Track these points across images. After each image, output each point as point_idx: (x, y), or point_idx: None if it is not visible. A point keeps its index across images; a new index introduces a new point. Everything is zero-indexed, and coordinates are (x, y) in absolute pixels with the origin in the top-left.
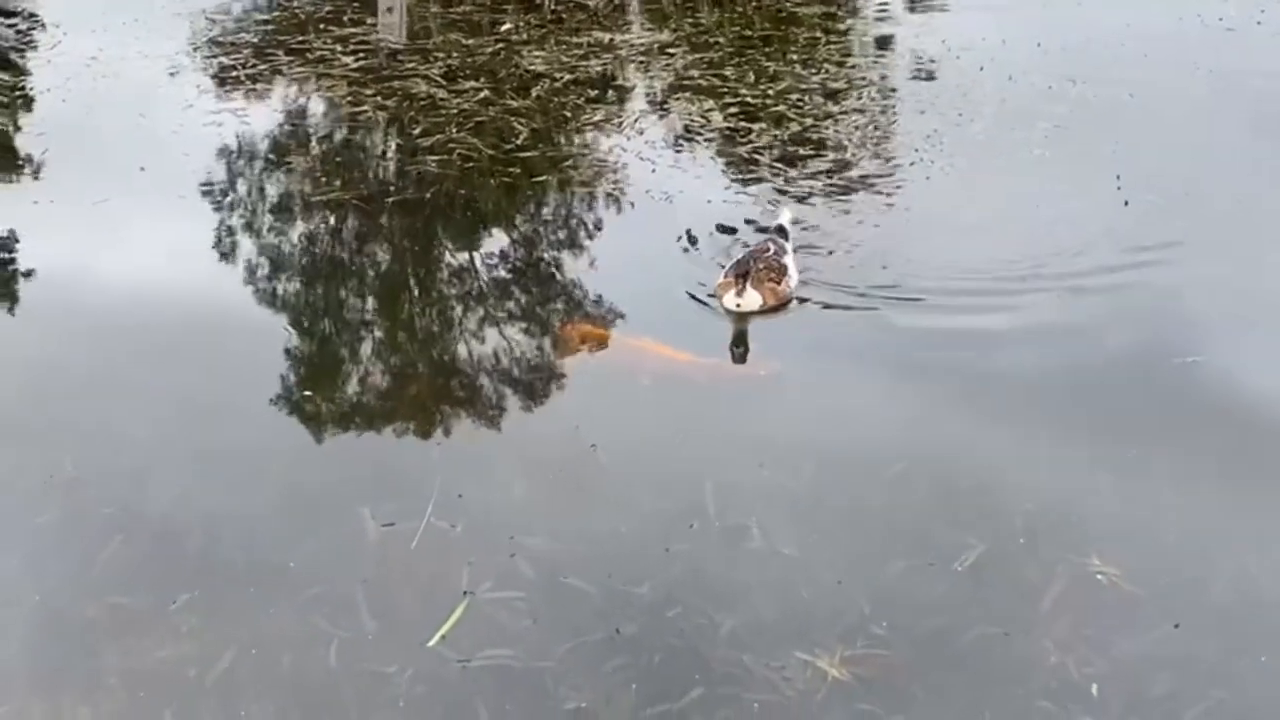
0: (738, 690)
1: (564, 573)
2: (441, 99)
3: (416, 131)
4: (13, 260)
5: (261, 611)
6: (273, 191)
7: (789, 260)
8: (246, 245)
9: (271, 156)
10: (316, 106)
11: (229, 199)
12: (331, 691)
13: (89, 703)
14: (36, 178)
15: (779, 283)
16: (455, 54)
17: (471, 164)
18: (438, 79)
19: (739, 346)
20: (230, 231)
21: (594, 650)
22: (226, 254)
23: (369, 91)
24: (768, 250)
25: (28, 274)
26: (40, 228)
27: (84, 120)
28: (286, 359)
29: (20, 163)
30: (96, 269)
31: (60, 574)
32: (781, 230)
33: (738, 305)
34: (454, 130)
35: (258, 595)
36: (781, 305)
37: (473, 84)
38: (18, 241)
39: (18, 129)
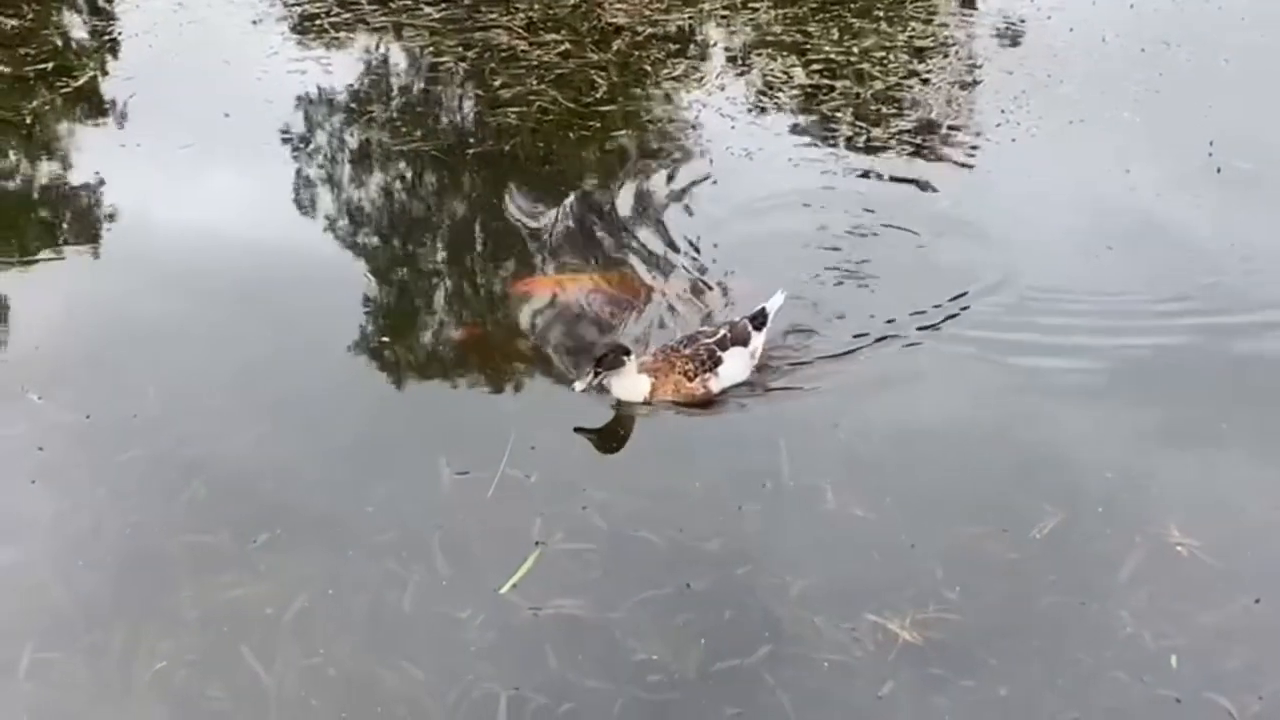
0: (807, 650)
1: (635, 526)
2: (522, 51)
3: (497, 83)
4: (97, 204)
5: (338, 554)
6: (353, 141)
7: (735, 353)
8: (326, 195)
9: (353, 106)
10: (398, 56)
11: (310, 148)
12: (404, 634)
13: (170, 635)
14: (122, 123)
15: (694, 377)
16: (537, 5)
17: (551, 117)
18: (519, 30)
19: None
20: (310, 181)
21: (663, 604)
22: (306, 203)
23: (450, 42)
24: (712, 335)
25: (111, 217)
26: (125, 172)
27: (170, 66)
28: (364, 307)
29: (108, 107)
30: (178, 214)
31: (143, 510)
32: (761, 315)
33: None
34: (534, 83)
35: (334, 538)
36: (698, 403)
37: (553, 36)
38: (103, 185)
39: (105, 74)
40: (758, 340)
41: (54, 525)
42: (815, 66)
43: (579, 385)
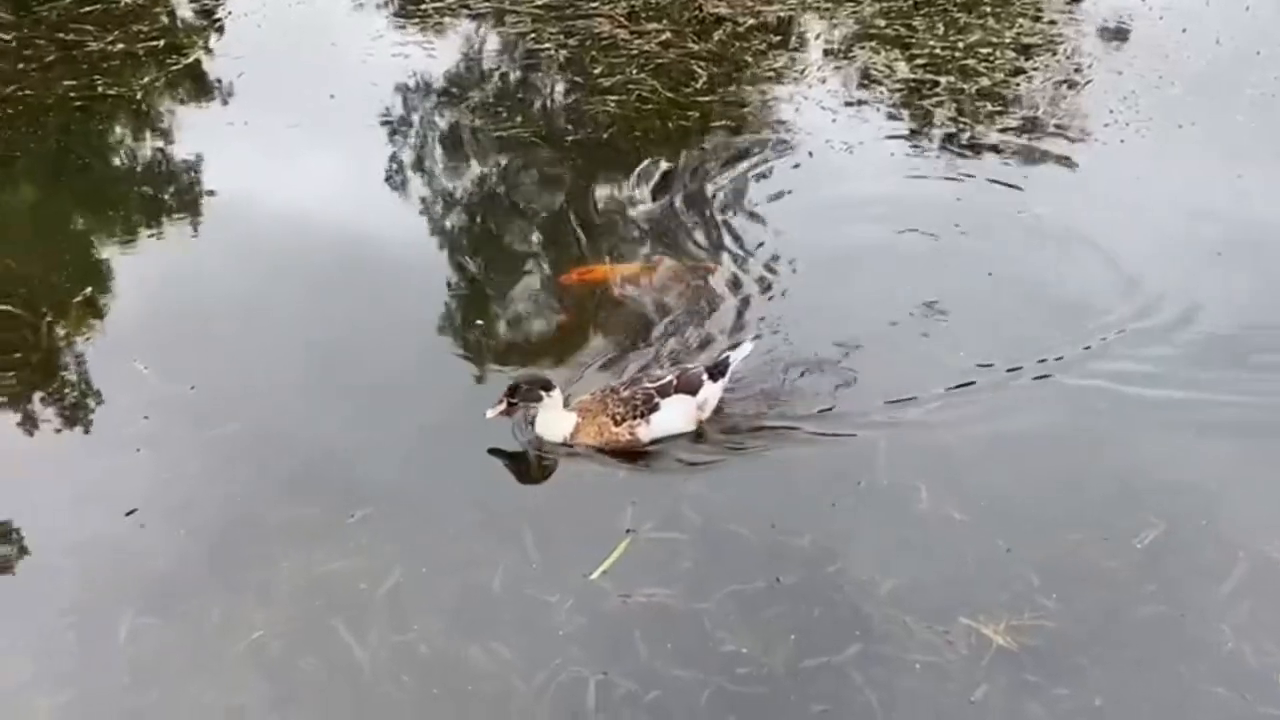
0: (898, 650)
1: (726, 519)
2: (623, 40)
3: (596, 71)
4: (202, 181)
5: (430, 533)
6: (452, 125)
7: (676, 401)
8: (423, 178)
9: (454, 90)
10: (500, 42)
11: (410, 131)
12: (494, 614)
13: (265, 606)
14: (230, 102)
15: (620, 422)
16: None
17: (650, 106)
18: (620, 19)
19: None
20: (408, 164)
21: (752, 597)
22: (404, 186)
23: (552, 29)
24: (657, 380)
25: (212, 193)
26: (230, 150)
27: (277, 47)
28: (456, 290)
29: (215, 86)
30: (279, 193)
31: (242, 483)
32: (722, 365)
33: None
34: (634, 71)
35: (427, 518)
36: (622, 451)
37: (654, 25)
38: (208, 162)
39: (214, 53)
40: (710, 391)
41: (156, 493)
42: (919, 61)
43: (490, 412)
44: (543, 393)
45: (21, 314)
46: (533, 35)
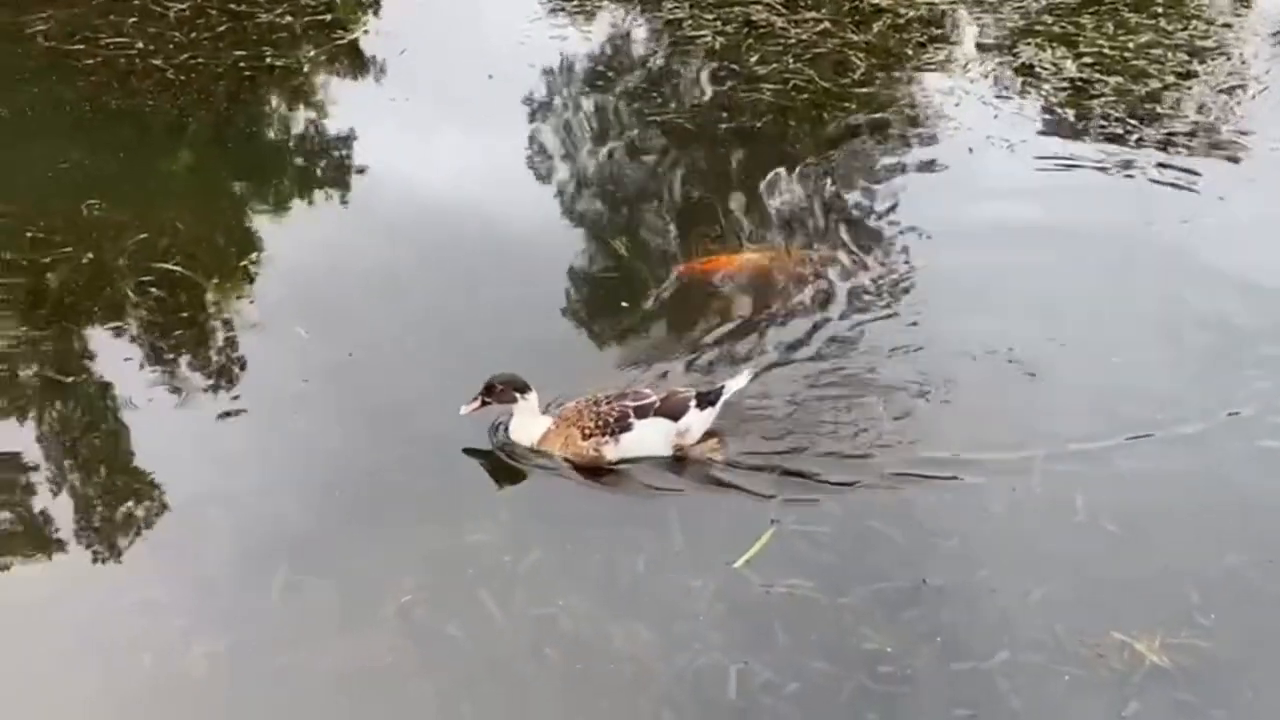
0: (1047, 660)
1: (871, 515)
2: (780, 28)
3: (753, 59)
4: (357, 154)
5: (575, 513)
6: (606, 108)
7: (652, 424)
8: (574, 159)
9: (609, 73)
10: (656, 28)
11: (565, 112)
12: (636, 597)
13: (414, 572)
14: (390, 78)
15: (588, 436)
16: None
17: (806, 95)
18: (778, 7)
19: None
20: (560, 144)
21: (897, 596)
22: (557, 165)
23: (709, 16)
24: (640, 399)
25: (362, 170)
26: (388, 125)
27: (438, 25)
28: (606, 272)
29: (377, 62)
30: (434, 168)
31: (395, 449)
32: (714, 394)
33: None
34: (790, 60)
35: (574, 496)
36: (586, 467)
37: (813, 14)
38: (365, 137)
39: (377, 29)
40: (695, 418)
41: (313, 455)
42: (1086, 60)
43: (464, 409)
44: (517, 394)
45: (188, 275)
46: (689, 21)
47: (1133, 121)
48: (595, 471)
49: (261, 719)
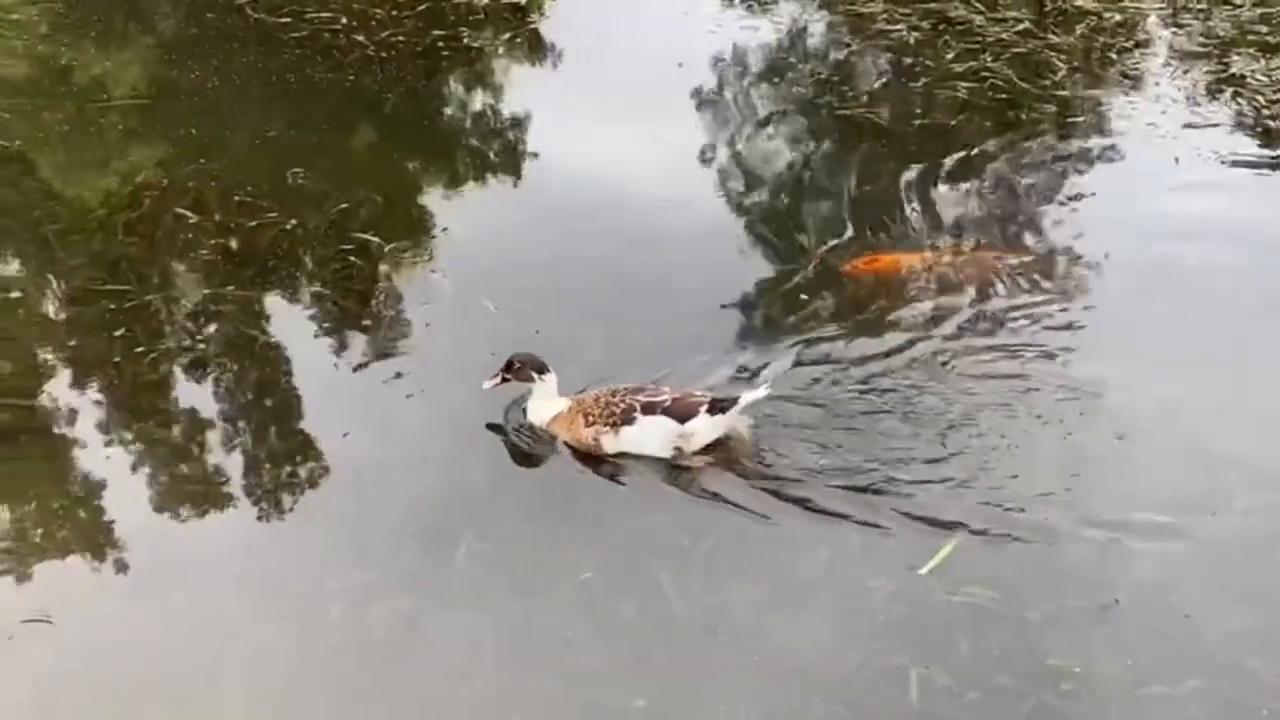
0: (1242, 693)
1: (1062, 530)
2: (978, 26)
3: (949, 56)
4: (533, 137)
5: (754, 503)
6: (794, 100)
7: (656, 423)
8: (759, 148)
9: (800, 65)
10: (851, 21)
11: (750, 102)
12: (811, 589)
13: (592, 549)
14: (576, 63)
15: (591, 424)
16: None
17: (1002, 96)
18: (976, 4)
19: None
20: (747, 134)
21: (1085, 614)
22: (742, 154)
23: (905, 10)
24: (652, 395)
25: (518, 151)
26: (569, 110)
27: (629, 12)
28: (777, 266)
29: (562, 48)
30: (617, 152)
31: None
32: (728, 401)
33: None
34: (988, 59)
35: (751, 490)
36: (585, 453)
37: (1013, 14)
38: (540, 121)
39: (561, 15)
40: (703, 423)
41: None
42: None
43: (486, 384)
44: (535, 374)
45: (382, 244)
46: (885, 15)
47: None
48: (595, 459)
49: (435, 677)
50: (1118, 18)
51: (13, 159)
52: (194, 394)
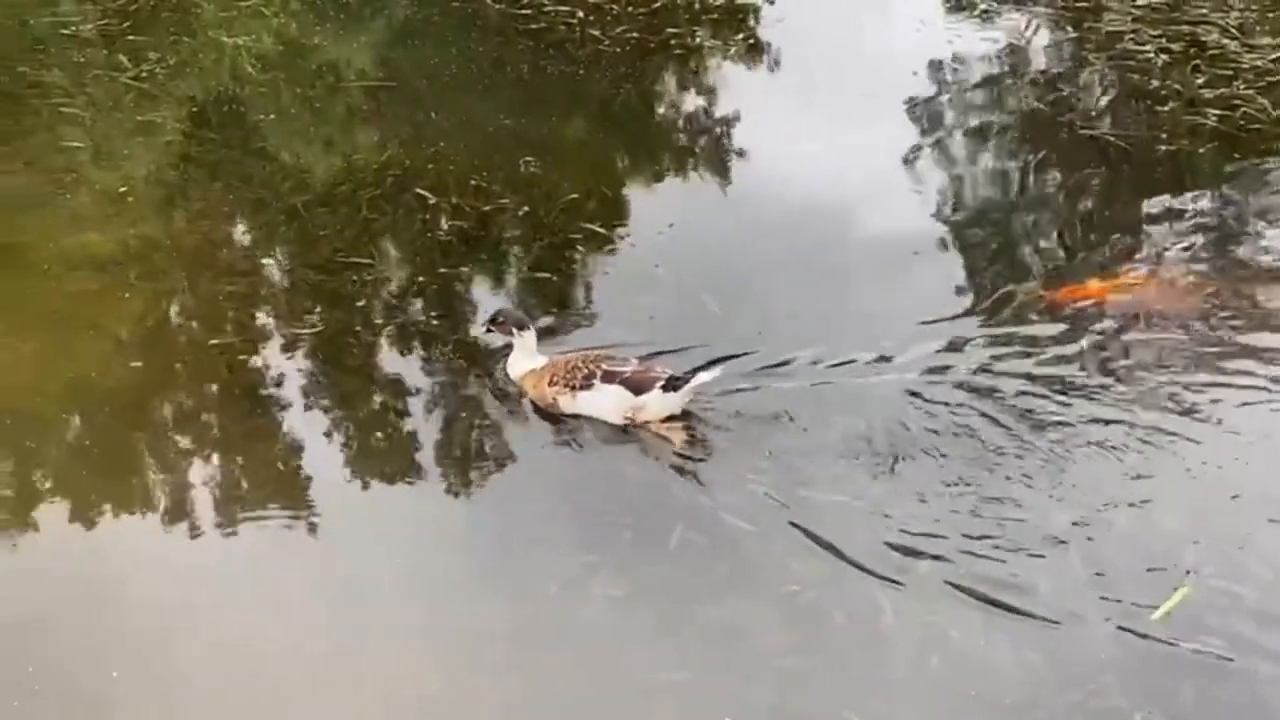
0: None
1: None
2: (1233, 52)
3: (1199, 81)
4: (752, 142)
5: (977, 528)
6: (1031, 116)
7: (609, 391)
8: (990, 163)
9: (1041, 81)
10: (1096, 39)
11: (981, 114)
12: (1029, 621)
13: (805, 558)
14: (794, 67)
15: (554, 383)
16: (1255, 6)
17: (1256, 126)
18: (1232, 29)
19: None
20: (975, 149)
21: None
22: (966, 167)
23: (1154, 31)
24: (616, 363)
25: (741, 153)
26: (795, 113)
27: (865, 19)
28: (982, 283)
29: (787, 51)
30: (834, 162)
31: (804, 433)
32: (680, 380)
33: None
34: (1240, 86)
35: (981, 503)
36: (546, 408)
37: (1270, 40)
38: (740, 121)
39: (784, 20)
40: (655, 398)
41: (735, 426)
42: None
43: (477, 329)
44: (514, 329)
45: (609, 236)
46: (1131, 35)
47: None
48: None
49: (643, 661)
50: None
51: (266, 131)
52: (420, 369)
